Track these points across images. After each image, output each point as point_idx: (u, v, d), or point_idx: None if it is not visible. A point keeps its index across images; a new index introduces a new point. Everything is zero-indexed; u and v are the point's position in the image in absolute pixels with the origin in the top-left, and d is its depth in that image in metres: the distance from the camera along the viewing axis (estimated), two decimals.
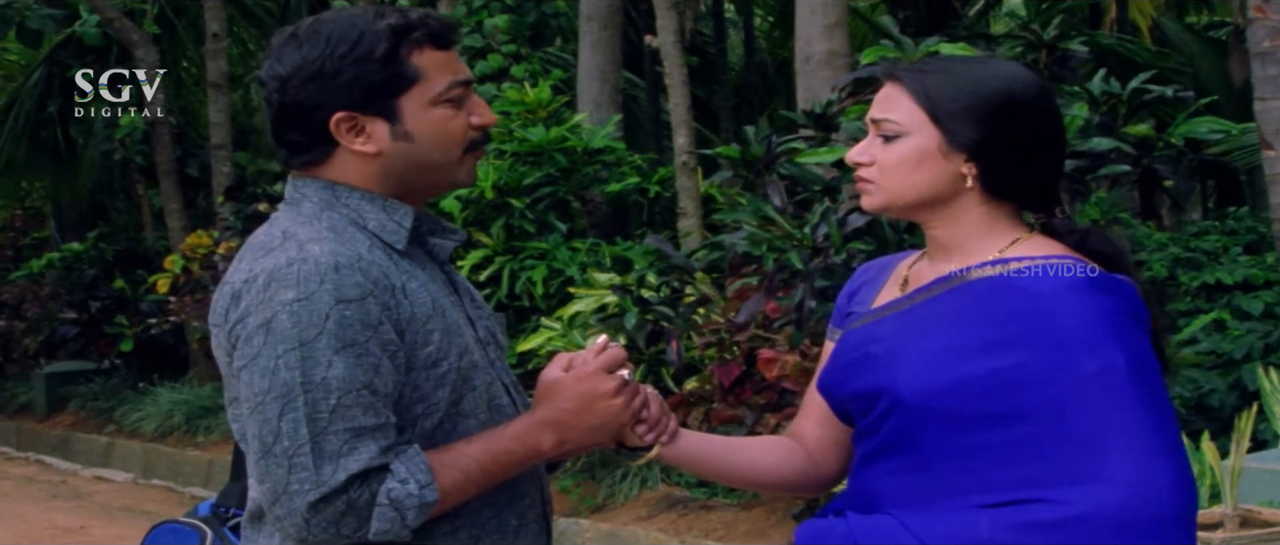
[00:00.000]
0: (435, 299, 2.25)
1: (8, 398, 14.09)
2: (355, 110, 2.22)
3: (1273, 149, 6.76)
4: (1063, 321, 2.12)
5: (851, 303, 2.41)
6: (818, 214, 6.29)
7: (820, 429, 2.42)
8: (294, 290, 2.13)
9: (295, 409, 2.11)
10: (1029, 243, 2.24)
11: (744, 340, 6.84)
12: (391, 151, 2.25)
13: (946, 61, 2.34)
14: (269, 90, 2.26)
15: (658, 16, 9.59)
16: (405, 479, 2.13)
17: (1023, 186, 2.25)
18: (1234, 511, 5.06)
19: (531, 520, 2.34)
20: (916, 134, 2.22)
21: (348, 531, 2.12)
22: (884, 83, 2.29)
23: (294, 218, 2.25)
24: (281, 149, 2.30)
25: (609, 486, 7.91)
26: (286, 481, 2.11)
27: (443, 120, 2.25)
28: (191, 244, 11.96)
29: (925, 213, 2.27)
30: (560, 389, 2.25)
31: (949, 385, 2.15)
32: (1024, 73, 2.28)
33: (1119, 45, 12.23)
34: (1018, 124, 2.21)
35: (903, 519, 2.16)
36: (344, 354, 2.11)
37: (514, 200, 9.15)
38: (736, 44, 18.32)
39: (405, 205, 2.27)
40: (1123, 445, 2.08)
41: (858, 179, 2.29)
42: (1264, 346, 7.23)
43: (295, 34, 2.26)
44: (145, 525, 8.61)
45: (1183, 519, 2.10)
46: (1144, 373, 2.12)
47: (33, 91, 14.75)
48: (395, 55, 2.22)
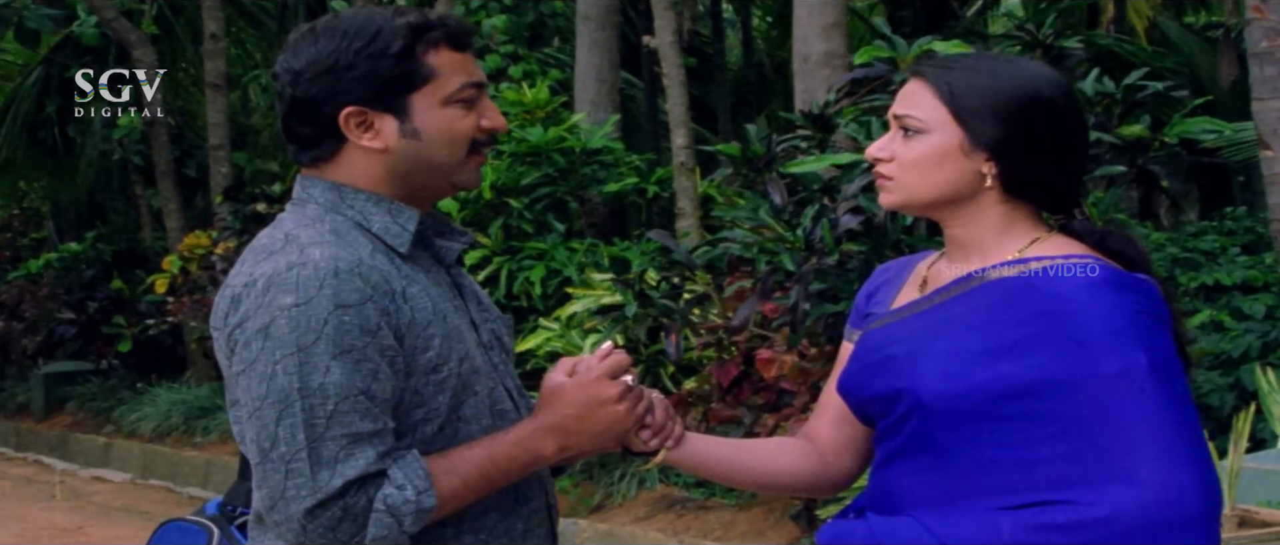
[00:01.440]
0: (436, 303, 2.24)
1: (6, 398, 14.09)
2: (366, 105, 2.23)
3: (1270, 149, 6.75)
4: (1083, 321, 2.11)
5: (870, 303, 2.39)
6: (809, 216, 6.29)
7: (835, 429, 2.40)
8: (293, 295, 2.13)
9: (292, 414, 2.11)
10: (1048, 242, 2.22)
11: (742, 341, 6.84)
12: (398, 149, 2.25)
13: (972, 59, 2.32)
14: (282, 84, 2.26)
15: (655, 17, 9.59)
16: (402, 485, 2.13)
17: (1043, 187, 2.23)
18: (1232, 511, 5.06)
19: (537, 525, 2.34)
20: (938, 131, 2.21)
21: (344, 537, 2.12)
22: (909, 79, 2.27)
23: (298, 219, 2.25)
24: (291, 145, 2.30)
25: (607, 487, 7.92)
26: (283, 487, 2.11)
27: (452, 120, 2.26)
28: (189, 244, 11.96)
29: (944, 211, 2.25)
30: (563, 394, 2.25)
31: (970, 387, 2.14)
32: (1049, 73, 2.26)
33: (1116, 45, 12.24)
34: (1041, 124, 2.19)
35: (923, 520, 2.15)
36: (341, 360, 2.11)
37: (512, 200, 9.15)
38: (734, 44, 18.32)
39: (411, 208, 2.27)
40: (1146, 445, 2.06)
41: (877, 175, 2.28)
42: (1262, 346, 7.23)
43: (313, 29, 2.27)
44: (144, 525, 8.55)
45: (1207, 519, 2.09)
46: (1167, 372, 2.11)
47: (31, 91, 14.75)
48: (411, 52, 2.23)
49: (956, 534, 2.12)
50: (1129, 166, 6.95)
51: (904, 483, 2.22)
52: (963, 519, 2.13)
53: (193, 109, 15.78)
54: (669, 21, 9.44)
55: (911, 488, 2.20)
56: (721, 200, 8.69)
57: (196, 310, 11.28)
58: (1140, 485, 2.05)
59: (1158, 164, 7.07)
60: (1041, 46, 7.30)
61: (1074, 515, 2.06)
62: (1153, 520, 2.05)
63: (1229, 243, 8.36)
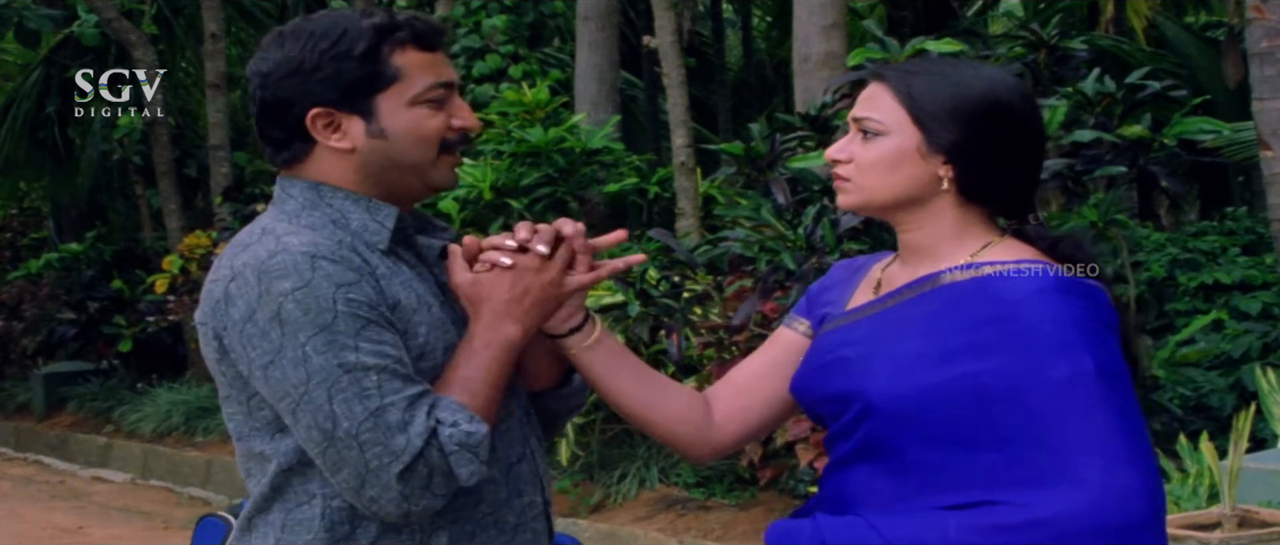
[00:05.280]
0: (420, 296, 2.26)
1: (6, 398, 14.08)
2: (332, 106, 2.25)
3: (1270, 149, 6.75)
4: (1033, 326, 2.13)
5: (823, 301, 2.42)
6: (811, 215, 6.29)
7: (733, 396, 2.41)
8: (289, 280, 2.14)
9: (343, 390, 2.12)
10: (1001, 247, 2.24)
11: (743, 340, 6.84)
12: (366, 149, 2.26)
13: (932, 63, 2.35)
14: (253, 86, 2.29)
15: (655, 17, 9.59)
16: (454, 422, 2.16)
17: (999, 191, 2.26)
18: (1232, 511, 5.06)
19: (531, 519, 2.34)
20: (897, 134, 2.23)
21: (441, 491, 2.15)
22: (869, 82, 2.30)
23: (275, 215, 2.28)
24: (265, 146, 2.33)
25: (606, 487, 7.92)
26: (364, 461, 2.13)
27: (419, 120, 2.27)
28: (190, 244, 11.96)
29: (900, 214, 2.27)
30: (487, 286, 2.27)
31: (921, 390, 2.16)
32: (1008, 78, 2.29)
33: (1115, 45, 12.23)
34: (998, 129, 2.22)
35: (870, 519, 2.17)
36: (363, 335, 2.14)
37: (512, 201, 9.15)
38: (734, 44, 18.33)
39: (389, 206, 2.28)
40: (1092, 450, 2.08)
41: (835, 177, 2.30)
42: (1262, 346, 7.23)
43: (281, 32, 2.29)
44: (144, 525, 8.56)
45: (1152, 525, 2.11)
46: (1114, 378, 2.13)
47: (31, 92, 14.75)
48: (375, 53, 2.24)
49: (903, 533, 2.14)
50: (1129, 166, 6.96)
51: (856, 484, 2.23)
52: (909, 518, 2.15)
53: (193, 109, 15.79)
54: (669, 21, 9.44)
55: (863, 490, 2.22)
56: (722, 200, 8.68)
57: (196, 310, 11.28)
58: (1086, 487, 2.07)
59: (1158, 164, 7.07)
60: (1044, 47, 7.30)
61: (1020, 516, 2.08)
62: (1098, 523, 2.07)
63: (1229, 243, 8.35)
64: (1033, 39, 7.43)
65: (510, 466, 2.32)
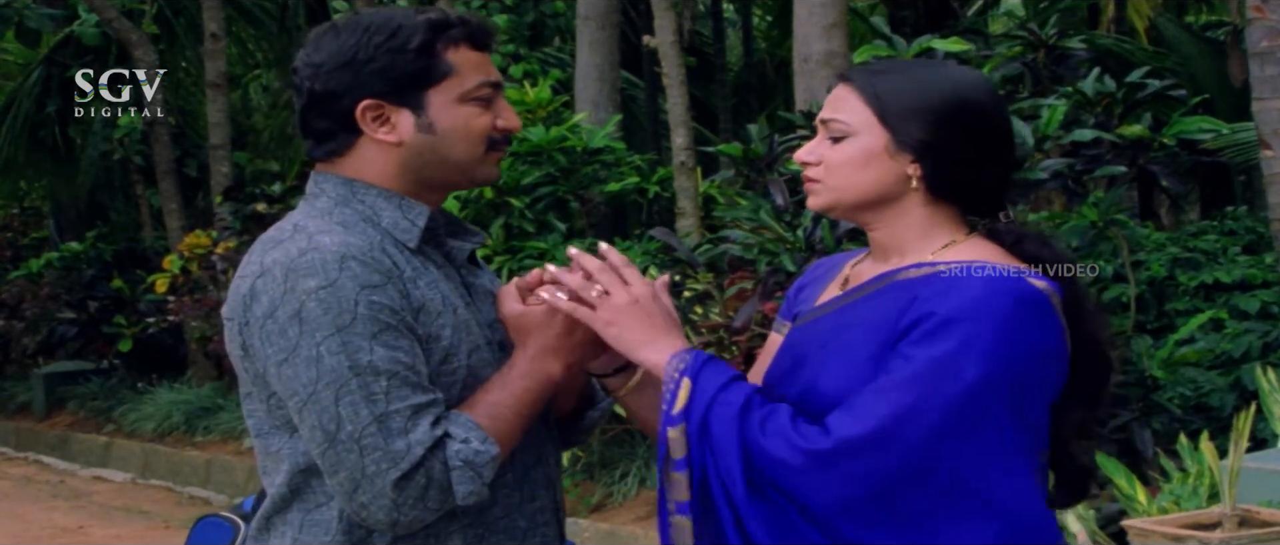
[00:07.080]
0: (446, 297, 2.26)
1: (6, 397, 14.09)
2: (383, 99, 2.26)
3: (1271, 149, 6.76)
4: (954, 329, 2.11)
5: (799, 299, 2.43)
6: (810, 216, 6.29)
7: None
8: (315, 279, 2.15)
9: (351, 392, 2.13)
10: (964, 246, 2.24)
11: (743, 341, 6.85)
12: (413, 143, 2.27)
13: (900, 63, 2.38)
14: (302, 78, 2.29)
15: (656, 16, 9.59)
16: (466, 439, 2.16)
17: (968, 189, 2.25)
18: (1233, 511, 5.06)
19: (542, 524, 2.35)
20: (864, 134, 2.24)
21: (435, 505, 2.15)
22: (836, 84, 2.31)
23: (307, 212, 2.29)
24: (307, 139, 2.33)
25: (607, 486, 7.92)
26: (361, 465, 2.13)
27: (468, 117, 2.28)
28: (190, 244, 11.96)
29: (869, 214, 2.27)
30: (535, 320, 2.27)
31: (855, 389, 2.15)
32: (974, 77, 2.30)
33: (1116, 45, 12.23)
34: (965, 127, 2.22)
35: None
36: (380, 339, 2.14)
37: (513, 200, 9.15)
38: (735, 44, 18.32)
39: (421, 204, 2.29)
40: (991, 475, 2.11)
41: (805, 179, 2.31)
42: (1262, 346, 7.23)
43: (335, 25, 2.31)
44: (144, 525, 8.56)
45: None
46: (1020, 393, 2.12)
47: (31, 91, 14.75)
48: (430, 48, 2.26)
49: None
50: (1129, 166, 6.96)
51: None
52: None
53: (193, 109, 15.79)
54: (669, 21, 9.44)
55: None
56: (722, 200, 8.68)
57: (197, 310, 11.29)
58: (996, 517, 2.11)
59: (1158, 164, 7.07)
60: (1045, 47, 7.31)
61: None
62: None
63: (1229, 242, 8.34)
64: (1032, 38, 7.43)
65: (526, 471, 2.32)
